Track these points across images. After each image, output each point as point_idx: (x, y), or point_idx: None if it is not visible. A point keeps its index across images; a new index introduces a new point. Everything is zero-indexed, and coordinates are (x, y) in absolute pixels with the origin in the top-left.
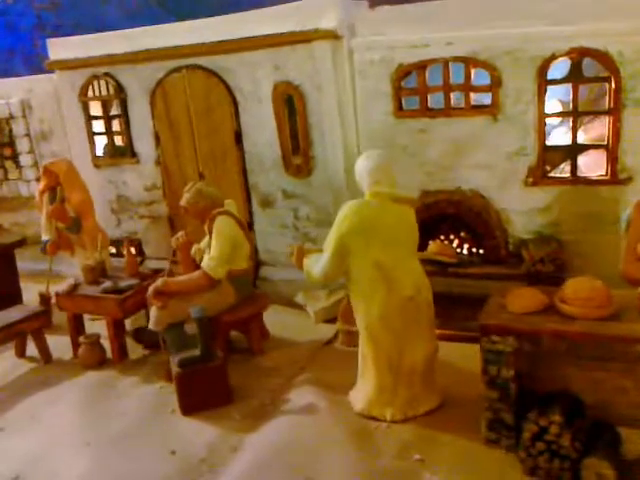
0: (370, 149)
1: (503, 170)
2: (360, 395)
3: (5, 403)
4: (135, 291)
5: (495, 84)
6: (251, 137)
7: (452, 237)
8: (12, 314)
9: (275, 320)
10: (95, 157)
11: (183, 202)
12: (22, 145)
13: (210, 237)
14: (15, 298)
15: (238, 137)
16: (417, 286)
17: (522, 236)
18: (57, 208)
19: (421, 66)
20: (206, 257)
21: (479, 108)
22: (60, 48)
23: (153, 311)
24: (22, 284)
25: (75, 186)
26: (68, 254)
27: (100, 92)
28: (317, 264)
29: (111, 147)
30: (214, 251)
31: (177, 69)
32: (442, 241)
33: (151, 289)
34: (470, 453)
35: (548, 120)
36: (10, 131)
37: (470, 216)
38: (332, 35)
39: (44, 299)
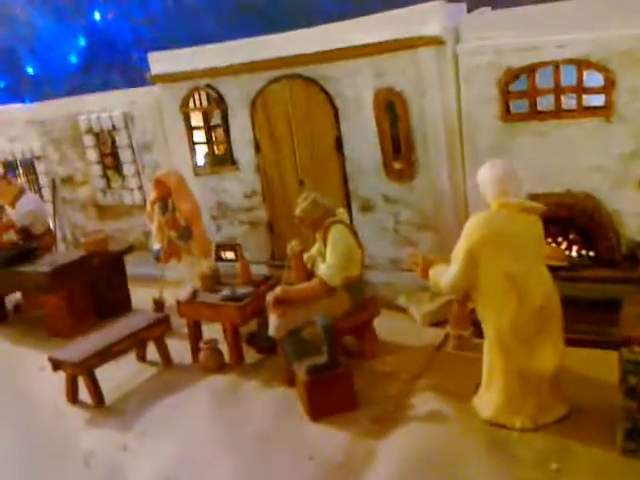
0: (475, 153)
1: (616, 172)
2: (487, 403)
3: (139, 407)
4: (252, 298)
5: (608, 85)
6: (351, 143)
7: (560, 240)
8: (135, 321)
9: (379, 323)
10: (196, 166)
11: (298, 212)
12: (125, 155)
13: (324, 245)
14: (125, 303)
15: (338, 144)
16: (547, 295)
17: (637, 238)
18: (171, 217)
19: (531, 69)
20: (322, 265)
21: (591, 110)
22: (161, 61)
23: (273, 319)
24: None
25: (185, 196)
26: (175, 261)
27: (201, 103)
28: (445, 275)
29: (211, 156)
30: (331, 259)
31: (277, 79)
32: (550, 244)
33: (271, 297)
34: (607, 463)
35: None
36: (113, 142)
37: (583, 218)
38: (437, 41)
39: (158, 305)
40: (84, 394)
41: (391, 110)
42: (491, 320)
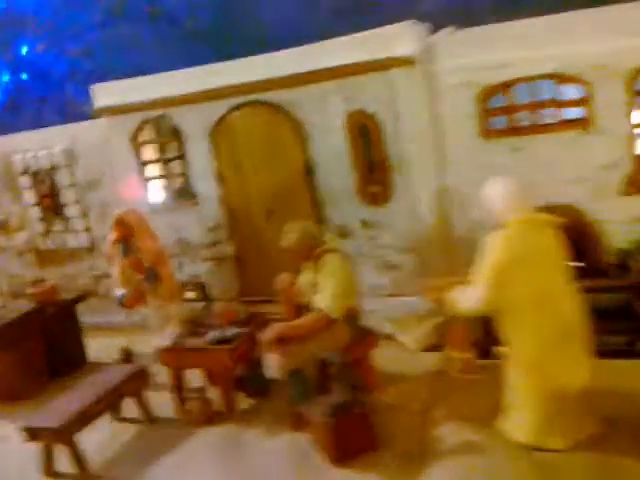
0: (456, 171)
1: (597, 182)
2: (519, 426)
3: (133, 473)
4: (243, 339)
5: (586, 98)
6: (322, 169)
7: None
8: (109, 376)
9: None
10: (150, 202)
11: (287, 243)
12: (67, 195)
13: (317, 276)
14: (81, 357)
15: (308, 170)
16: (575, 309)
17: (623, 246)
18: (135, 258)
19: (507, 85)
20: (319, 296)
21: (569, 122)
22: (106, 93)
23: (274, 359)
24: None
25: (148, 235)
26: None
27: (153, 136)
28: (466, 296)
29: (168, 191)
30: (330, 290)
31: (239, 106)
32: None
33: (270, 335)
34: None
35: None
36: (52, 182)
37: (567, 230)
38: (410, 61)
39: (126, 355)
40: (60, 464)
41: (363, 133)
42: (520, 340)
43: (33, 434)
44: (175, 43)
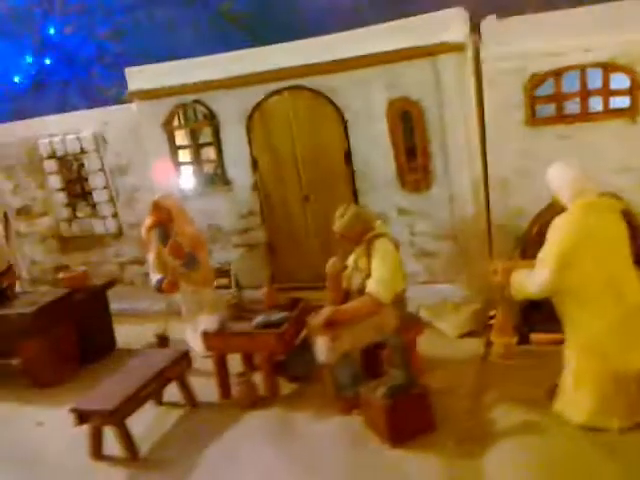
0: (499, 159)
1: None
2: (577, 407)
3: (184, 456)
4: (290, 324)
5: (635, 87)
6: (362, 156)
7: None
8: (155, 360)
9: None
10: (183, 188)
11: (339, 228)
12: (96, 181)
13: (368, 260)
14: (110, 343)
15: (347, 157)
16: (637, 292)
17: None
18: (176, 244)
19: (557, 73)
20: (371, 281)
21: (616, 112)
22: (140, 77)
23: (323, 343)
24: None
25: (186, 220)
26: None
27: (187, 120)
28: (531, 279)
29: (200, 176)
30: (381, 274)
31: (278, 91)
32: None
33: (320, 319)
34: None
35: None
36: (80, 167)
37: None
38: (459, 47)
39: (162, 340)
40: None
41: (405, 120)
42: (585, 323)
43: (83, 417)
44: (208, 27)
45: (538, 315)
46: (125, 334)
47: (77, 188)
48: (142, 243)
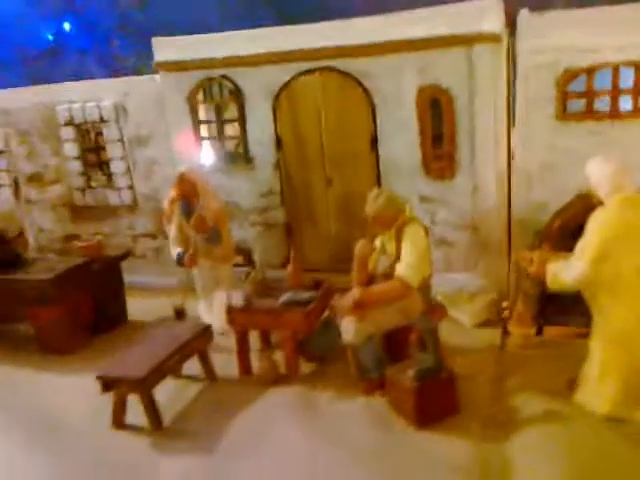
0: (528, 151)
1: None
2: (602, 398)
3: (209, 428)
4: (316, 303)
5: None
6: (388, 141)
7: None
8: (178, 332)
9: None
10: (203, 163)
11: (373, 210)
12: (114, 151)
13: (397, 244)
14: (123, 315)
15: (374, 141)
16: None
17: None
18: (200, 217)
19: (590, 70)
20: (401, 265)
21: None
22: (167, 48)
23: (350, 323)
24: None
25: (211, 194)
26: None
27: (212, 95)
28: (569, 270)
29: (222, 152)
30: (411, 259)
31: (309, 71)
32: None
33: (349, 300)
34: None
35: None
36: (97, 136)
37: None
38: (494, 38)
39: (180, 314)
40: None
41: (434, 107)
42: (615, 313)
43: (109, 384)
44: (234, 2)
45: (552, 308)
46: (136, 307)
47: (93, 157)
48: (158, 216)
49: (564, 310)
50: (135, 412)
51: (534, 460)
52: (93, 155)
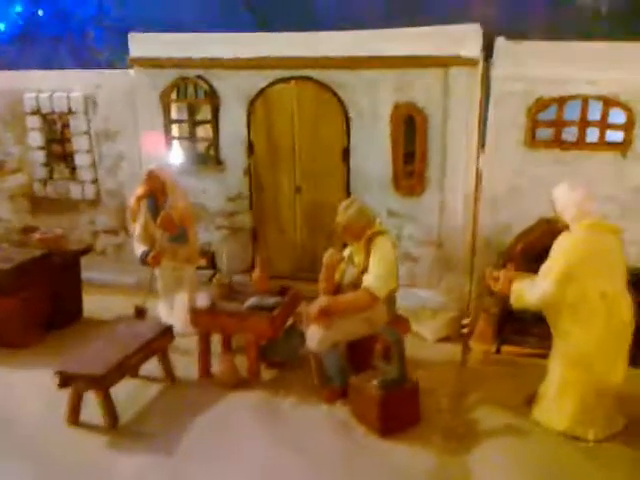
0: (495, 174)
1: (626, 202)
2: (559, 415)
3: (164, 433)
4: (282, 309)
5: (630, 124)
6: (360, 154)
7: None
8: (140, 331)
9: None
10: (172, 162)
11: (343, 220)
12: (80, 143)
13: (366, 257)
14: (77, 312)
15: (345, 153)
16: (631, 312)
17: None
18: (168, 216)
19: (561, 100)
20: (369, 276)
21: (610, 144)
22: (144, 44)
23: (316, 331)
24: None
25: (180, 193)
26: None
27: (186, 95)
28: (533, 290)
29: (192, 153)
30: (379, 271)
31: (285, 79)
32: None
33: (316, 308)
34: None
35: None
36: (64, 127)
37: None
38: (472, 62)
39: (140, 313)
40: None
41: (408, 125)
42: (576, 335)
43: (67, 380)
44: (214, 5)
45: (510, 328)
46: (92, 304)
47: (58, 149)
48: (122, 212)
49: (522, 330)
50: (91, 410)
51: (493, 472)
52: (58, 146)
